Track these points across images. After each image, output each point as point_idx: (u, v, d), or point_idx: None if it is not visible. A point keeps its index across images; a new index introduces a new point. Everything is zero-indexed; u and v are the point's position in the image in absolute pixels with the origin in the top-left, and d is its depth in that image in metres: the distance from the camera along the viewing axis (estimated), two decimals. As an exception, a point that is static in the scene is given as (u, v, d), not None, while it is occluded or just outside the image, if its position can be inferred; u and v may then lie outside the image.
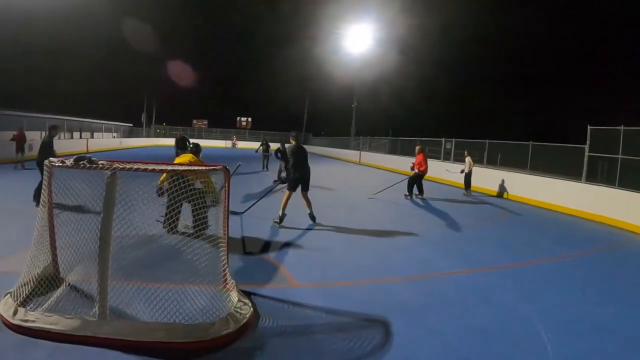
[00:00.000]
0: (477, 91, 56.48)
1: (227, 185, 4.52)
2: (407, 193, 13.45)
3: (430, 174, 17.94)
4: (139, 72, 56.10)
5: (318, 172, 22.56)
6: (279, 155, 12.02)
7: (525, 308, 4.80)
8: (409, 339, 3.91)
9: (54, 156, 9.14)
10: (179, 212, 5.59)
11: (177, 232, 6.01)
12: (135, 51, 55.35)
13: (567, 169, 13.29)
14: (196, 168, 4.73)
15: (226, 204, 4.54)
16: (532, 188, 13.89)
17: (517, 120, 49.45)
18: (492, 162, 17.52)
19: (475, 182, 15.52)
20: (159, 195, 5.70)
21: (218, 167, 4.53)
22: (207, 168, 4.67)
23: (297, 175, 8.49)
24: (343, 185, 15.40)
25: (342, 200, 12.43)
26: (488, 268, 6.32)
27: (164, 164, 4.64)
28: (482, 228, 9.69)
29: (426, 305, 4.75)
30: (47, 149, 9.20)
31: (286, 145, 9.20)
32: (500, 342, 3.96)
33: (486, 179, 16.16)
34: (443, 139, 20.22)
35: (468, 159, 14.96)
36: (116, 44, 55.06)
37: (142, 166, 3.92)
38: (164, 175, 6.27)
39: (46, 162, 4.20)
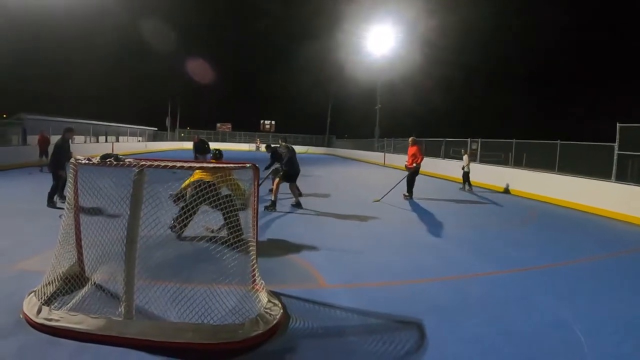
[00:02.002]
0: (502, 90, 55.53)
1: (256, 183, 4.39)
2: (407, 193, 12.72)
3: (454, 174, 17.71)
4: (163, 77, 57.02)
5: (343, 174, 22.66)
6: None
7: (562, 310, 4.61)
8: (444, 342, 3.74)
9: (69, 158, 9.29)
10: (192, 217, 5.49)
11: (185, 237, 5.90)
12: (159, 55, 56.44)
13: (595, 168, 12.85)
14: (225, 166, 4.60)
15: (255, 203, 4.41)
16: (560, 188, 13.47)
17: (544, 119, 48.52)
18: (518, 163, 17.09)
19: (498, 182, 15.60)
20: (174, 202, 5.61)
21: (247, 164, 4.41)
22: (235, 165, 4.54)
23: (289, 170, 10.10)
24: (367, 187, 15.20)
25: (365, 200, 12.19)
26: (521, 269, 6.10)
27: (192, 161, 4.56)
28: (511, 228, 9.43)
29: (460, 307, 4.58)
30: (60, 152, 9.22)
31: (277, 147, 10.80)
32: (537, 345, 3.78)
33: (512, 178, 15.85)
34: (469, 140, 19.83)
35: (465, 157, 15.54)
36: (140, 48, 56.16)
37: (170, 163, 3.82)
38: (187, 182, 6.23)
39: (72, 160, 4.15)
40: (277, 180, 9.93)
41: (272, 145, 11.14)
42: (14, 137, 21.39)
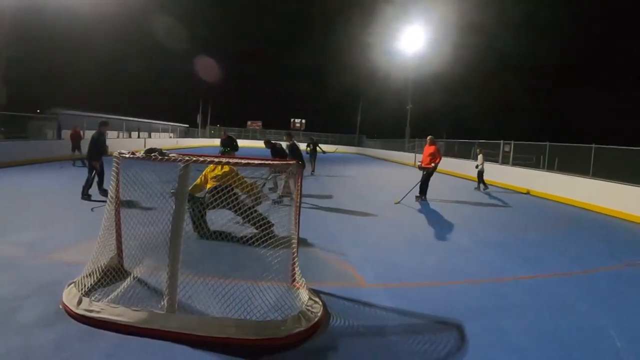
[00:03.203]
0: (536, 91, 54.28)
1: (299, 181, 4.32)
2: (420, 195, 12.05)
3: (489, 177, 17.42)
4: (195, 75, 57.73)
5: (375, 174, 22.72)
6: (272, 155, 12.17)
7: (599, 316, 4.48)
8: (484, 345, 3.67)
9: (105, 151, 9.46)
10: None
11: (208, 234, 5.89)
12: (191, 53, 57.22)
13: (634, 174, 12.33)
14: (270, 162, 4.56)
15: (298, 200, 4.35)
16: (592, 192, 12.98)
17: (579, 121, 47.16)
18: (550, 166, 16.64)
19: (529, 185, 15.39)
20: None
21: (292, 162, 4.37)
22: (281, 163, 4.49)
23: None
24: (398, 187, 15.03)
25: (410, 199, 11.94)
26: (556, 274, 5.95)
27: (234, 157, 4.54)
28: (543, 232, 9.15)
29: (498, 310, 4.49)
30: (96, 145, 9.37)
31: (275, 143, 11.11)
32: (575, 351, 3.69)
33: (543, 181, 15.46)
34: (501, 142, 19.44)
35: (480, 156, 15.58)
36: (172, 47, 56.91)
37: (216, 159, 3.79)
38: (198, 181, 6.27)
39: (115, 153, 4.17)
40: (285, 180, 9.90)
41: (272, 142, 11.28)
42: (48, 131, 21.94)
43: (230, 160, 4.02)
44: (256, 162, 4.21)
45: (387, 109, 54.75)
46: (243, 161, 4.27)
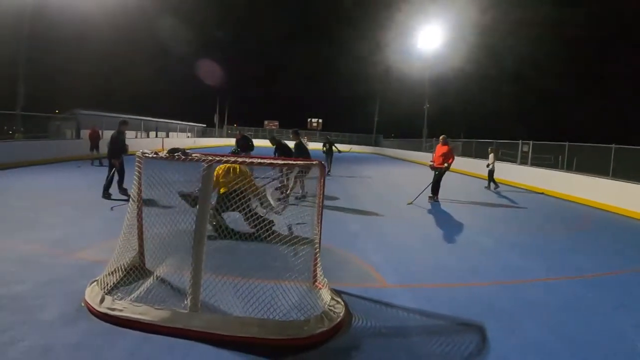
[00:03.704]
0: (555, 91, 53.39)
1: (322, 181, 4.29)
2: (432, 195, 11.87)
3: (506, 177, 17.16)
4: (212, 74, 58.09)
5: (392, 174, 22.62)
6: (276, 153, 12.05)
7: (620, 319, 4.42)
8: (505, 346, 3.64)
9: (125, 150, 9.53)
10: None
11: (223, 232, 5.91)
12: (208, 53, 57.58)
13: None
14: (294, 162, 4.55)
15: (321, 201, 4.33)
16: (611, 193, 12.70)
17: (599, 121, 46.25)
18: (569, 166, 16.35)
19: (545, 185, 15.35)
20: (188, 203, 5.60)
21: (315, 162, 4.34)
22: (305, 162, 4.47)
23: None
24: (416, 187, 14.88)
25: (423, 200, 11.79)
26: (576, 276, 5.85)
27: (256, 157, 4.53)
28: (562, 233, 9.04)
29: (519, 312, 4.44)
30: (115, 144, 9.44)
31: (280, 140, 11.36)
32: (595, 353, 3.66)
33: (561, 182, 15.22)
34: (520, 142, 19.18)
35: (491, 155, 15.52)
36: (190, 47, 57.41)
37: (240, 159, 3.79)
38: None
39: (138, 153, 4.19)
40: (294, 180, 10.07)
41: (276, 139, 11.39)
42: (67, 131, 22.25)
43: (255, 161, 4.01)
44: (280, 162, 4.20)
45: (404, 109, 54.29)
46: (267, 161, 4.26)
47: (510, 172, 18.40)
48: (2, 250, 5.33)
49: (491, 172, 15.67)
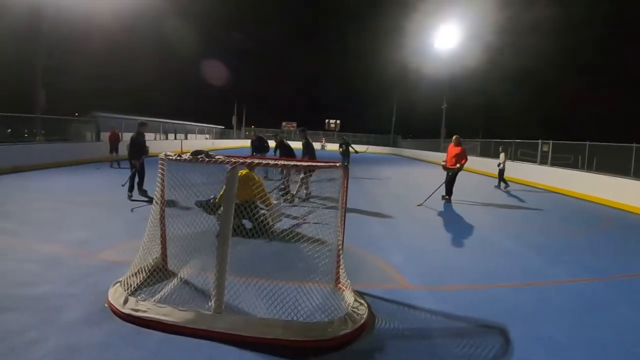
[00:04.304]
0: (575, 89, 52.33)
1: (345, 182, 4.27)
2: (446, 194, 11.78)
3: (526, 177, 16.93)
4: (230, 76, 58.55)
5: (411, 175, 22.53)
6: (277, 152, 12.13)
7: None
8: (529, 349, 3.60)
9: (145, 151, 9.64)
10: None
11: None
12: (227, 55, 58.01)
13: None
14: (318, 164, 4.54)
15: (344, 202, 4.30)
16: (633, 194, 12.40)
17: (620, 121, 45.23)
18: (589, 166, 16.05)
19: (565, 185, 15.24)
20: (211, 212, 5.59)
21: (337, 163, 4.32)
22: (327, 164, 4.45)
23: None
24: (434, 188, 14.79)
25: (435, 201, 11.67)
26: (598, 278, 5.74)
27: (278, 159, 4.55)
28: (584, 235, 8.87)
29: (543, 314, 4.39)
30: (135, 145, 9.57)
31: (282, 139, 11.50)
32: (618, 355, 3.63)
33: (581, 181, 14.97)
34: (539, 141, 18.91)
35: (502, 155, 15.67)
36: (209, 49, 57.86)
37: (263, 161, 3.80)
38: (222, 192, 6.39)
39: (161, 155, 4.22)
40: (301, 178, 10.06)
41: (279, 139, 11.56)
42: (87, 134, 22.56)
43: (278, 163, 4.02)
44: (304, 163, 4.20)
45: (422, 109, 53.94)
46: (291, 162, 4.26)
47: (530, 172, 18.20)
48: (25, 251, 5.44)
49: (501, 172, 15.71)
